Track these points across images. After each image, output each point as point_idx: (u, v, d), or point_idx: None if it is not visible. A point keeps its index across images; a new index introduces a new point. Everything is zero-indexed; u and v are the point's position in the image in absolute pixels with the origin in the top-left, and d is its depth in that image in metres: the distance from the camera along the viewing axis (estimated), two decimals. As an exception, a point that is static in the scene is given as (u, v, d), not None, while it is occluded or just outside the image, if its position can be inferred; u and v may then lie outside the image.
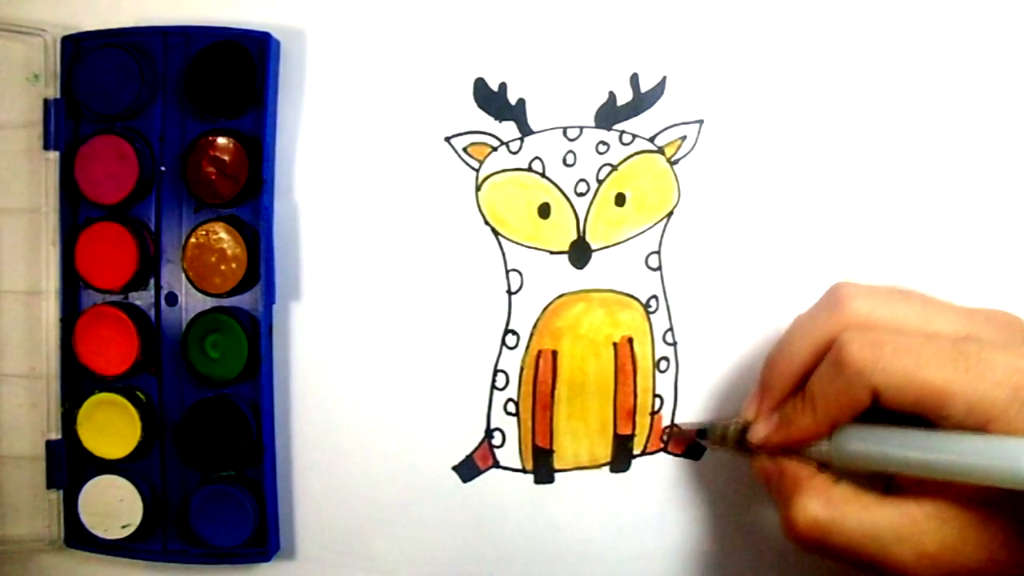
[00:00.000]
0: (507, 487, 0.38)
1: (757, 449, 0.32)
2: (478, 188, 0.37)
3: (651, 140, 0.37)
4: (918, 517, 0.27)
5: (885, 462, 0.28)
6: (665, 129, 0.37)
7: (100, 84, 0.36)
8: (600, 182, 0.37)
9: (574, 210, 0.37)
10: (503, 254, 0.37)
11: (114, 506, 0.37)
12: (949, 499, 0.27)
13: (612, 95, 0.37)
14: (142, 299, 0.37)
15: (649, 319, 0.37)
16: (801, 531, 0.28)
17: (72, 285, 0.37)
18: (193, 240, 0.36)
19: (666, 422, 0.37)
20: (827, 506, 0.28)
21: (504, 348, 0.37)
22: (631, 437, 0.37)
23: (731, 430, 0.34)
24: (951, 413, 0.26)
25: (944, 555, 0.27)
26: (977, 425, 0.26)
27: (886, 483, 0.30)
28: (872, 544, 0.27)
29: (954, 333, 0.28)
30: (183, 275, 0.36)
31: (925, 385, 0.26)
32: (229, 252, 0.36)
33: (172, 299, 0.37)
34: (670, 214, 0.37)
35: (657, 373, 0.37)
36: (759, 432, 0.32)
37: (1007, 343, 0.28)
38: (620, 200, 0.37)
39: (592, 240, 0.37)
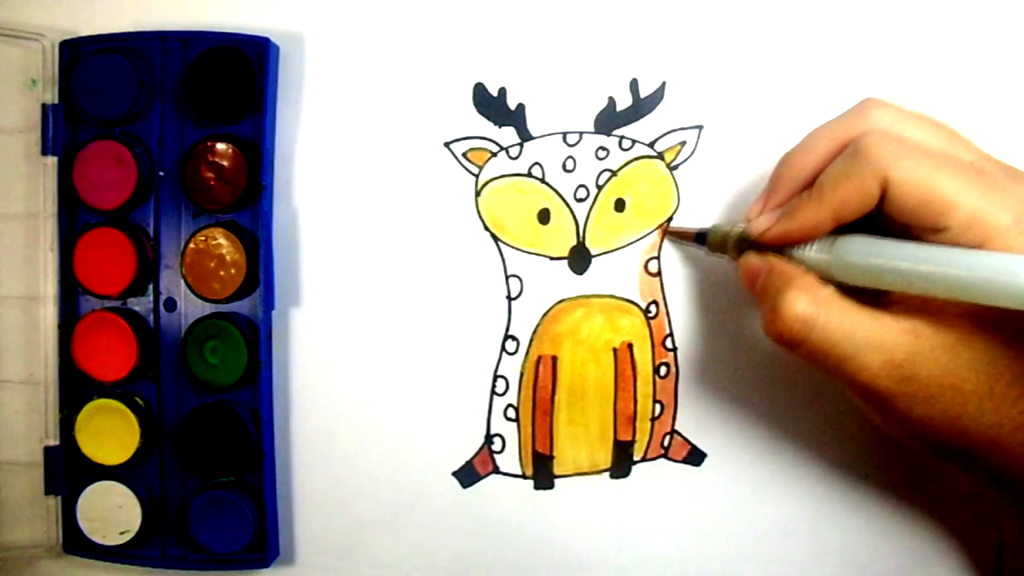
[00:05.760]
0: (507, 493, 0.38)
1: (756, 243, 0.31)
2: (478, 193, 0.37)
3: (651, 145, 0.37)
4: (894, 328, 0.27)
5: (884, 273, 0.27)
6: (665, 134, 0.37)
7: (98, 89, 0.36)
8: (600, 187, 0.37)
9: (574, 216, 0.37)
10: (503, 260, 0.37)
11: (113, 512, 0.37)
12: (929, 319, 0.27)
13: (612, 100, 0.37)
14: (141, 305, 0.37)
15: (649, 325, 0.37)
16: (785, 325, 0.28)
17: (71, 291, 0.37)
18: (192, 246, 0.36)
19: (666, 428, 0.37)
20: (814, 303, 0.28)
21: (504, 354, 0.37)
22: (631, 443, 0.37)
23: (733, 232, 0.33)
24: (950, 224, 0.26)
25: (909, 368, 0.27)
26: (973, 242, 0.26)
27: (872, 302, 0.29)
28: (846, 346, 0.27)
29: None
30: (182, 281, 0.36)
31: (935, 188, 0.26)
32: (228, 258, 0.36)
33: (171, 305, 0.37)
34: (670, 219, 0.37)
35: (657, 379, 0.37)
36: (760, 224, 0.31)
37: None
38: (620, 206, 0.37)
39: (592, 246, 0.37)
